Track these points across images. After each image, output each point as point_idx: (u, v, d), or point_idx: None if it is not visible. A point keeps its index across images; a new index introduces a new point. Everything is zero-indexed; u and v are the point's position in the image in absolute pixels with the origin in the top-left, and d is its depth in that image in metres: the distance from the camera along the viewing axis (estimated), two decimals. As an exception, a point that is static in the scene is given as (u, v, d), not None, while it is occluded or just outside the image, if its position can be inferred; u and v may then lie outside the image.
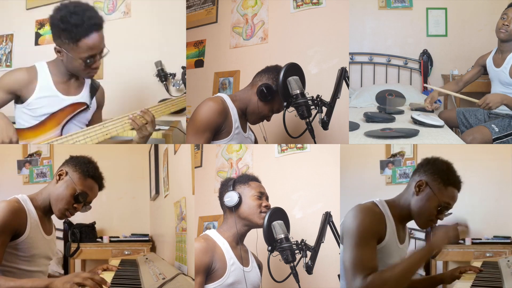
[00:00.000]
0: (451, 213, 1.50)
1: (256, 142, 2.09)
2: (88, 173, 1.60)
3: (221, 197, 1.76)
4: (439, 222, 1.52)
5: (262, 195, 1.73)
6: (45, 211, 1.61)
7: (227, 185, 1.76)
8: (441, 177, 1.48)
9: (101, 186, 1.66)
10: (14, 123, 2.01)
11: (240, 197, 1.70)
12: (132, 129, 2.01)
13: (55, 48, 1.85)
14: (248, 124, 1.98)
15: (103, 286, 1.43)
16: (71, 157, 1.64)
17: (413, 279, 1.90)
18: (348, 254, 1.40)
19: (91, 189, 1.61)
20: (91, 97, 2.05)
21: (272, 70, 1.88)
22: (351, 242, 1.41)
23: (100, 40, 1.84)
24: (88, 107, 2.03)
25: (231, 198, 1.70)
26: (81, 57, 1.82)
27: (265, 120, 1.95)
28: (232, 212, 1.71)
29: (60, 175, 1.59)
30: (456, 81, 3.04)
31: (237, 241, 1.71)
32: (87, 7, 1.81)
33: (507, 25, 2.56)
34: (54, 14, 1.80)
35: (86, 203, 1.61)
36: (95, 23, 1.80)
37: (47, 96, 1.93)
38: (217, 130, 1.82)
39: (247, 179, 1.76)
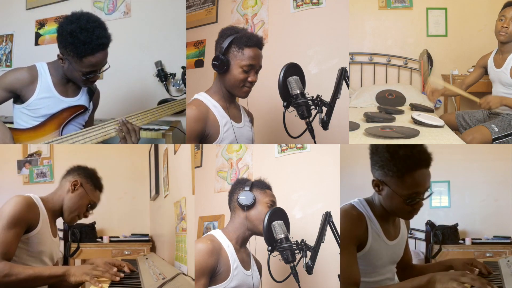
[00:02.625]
0: (431, 193, 1.37)
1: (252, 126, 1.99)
2: (98, 186, 1.81)
3: (232, 194, 1.76)
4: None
5: (274, 204, 1.75)
6: (53, 214, 1.73)
7: (243, 184, 1.76)
8: (390, 169, 1.33)
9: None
10: (12, 123, 2.02)
11: (255, 200, 1.71)
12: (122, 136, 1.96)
13: (58, 55, 1.86)
14: (243, 112, 1.90)
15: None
16: (79, 167, 1.80)
17: (422, 265, 1.84)
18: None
19: (99, 199, 1.82)
20: (90, 100, 2.07)
21: (216, 41, 1.78)
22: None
23: (104, 58, 1.85)
24: (87, 109, 2.05)
25: (246, 197, 1.71)
26: (82, 71, 1.84)
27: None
28: (243, 211, 1.71)
29: (74, 185, 1.74)
30: (459, 84, 3.04)
31: (241, 244, 1.71)
32: (98, 25, 1.81)
33: (506, 27, 2.55)
34: (65, 25, 1.79)
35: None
36: (102, 43, 1.81)
37: (47, 97, 1.93)
38: (201, 137, 1.73)
39: (264, 186, 1.77)
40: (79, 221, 3.28)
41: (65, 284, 1.53)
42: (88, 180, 1.77)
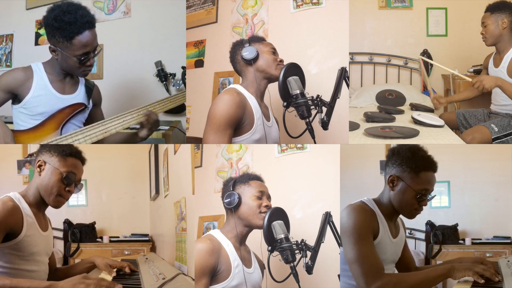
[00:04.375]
0: (434, 196, 1.53)
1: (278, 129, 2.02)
2: (65, 152, 1.56)
3: (222, 197, 1.76)
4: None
5: (263, 194, 1.71)
6: (38, 207, 1.58)
7: (228, 185, 1.75)
8: (409, 166, 1.50)
9: (83, 161, 1.61)
10: (12, 123, 2.02)
11: (239, 198, 1.69)
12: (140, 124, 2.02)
13: (50, 47, 1.89)
14: (271, 112, 1.94)
15: None
16: (42, 146, 1.62)
17: (427, 267, 1.88)
18: (351, 254, 1.43)
19: (76, 166, 1.58)
20: (88, 97, 2.07)
21: (235, 45, 1.88)
22: (350, 240, 1.44)
23: (93, 38, 1.87)
24: (86, 107, 2.05)
25: (230, 199, 1.70)
26: (75, 54, 1.85)
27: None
28: (232, 213, 1.70)
29: (39, 166, 1.56)
30: (471, 88, 3.02)
31: (240, 242, 1.71)
32: (79, 6, 1.86)
33: (483, 33, 2.64)
34: (48, 14, 1.84)
35: (76, 183, 1.58)
36: (87, 21, 1.84)
37: (43, 94, 1.94)
38: (238, 124, 1.74)
39: (247, 178, 1.75)
40: (79, 221, 3.36)
41: None
42: (51, 153, 1.56)
